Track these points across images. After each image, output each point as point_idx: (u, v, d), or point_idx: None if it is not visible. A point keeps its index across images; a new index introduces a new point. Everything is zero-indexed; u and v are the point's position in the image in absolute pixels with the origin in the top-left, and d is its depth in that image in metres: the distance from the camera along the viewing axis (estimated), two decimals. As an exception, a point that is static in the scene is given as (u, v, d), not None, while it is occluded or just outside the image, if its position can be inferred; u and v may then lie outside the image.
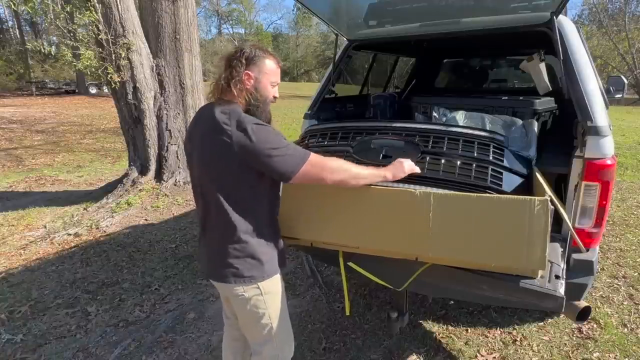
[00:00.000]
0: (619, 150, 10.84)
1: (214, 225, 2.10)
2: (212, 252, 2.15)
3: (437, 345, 3.45)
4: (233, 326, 2.54)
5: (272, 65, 2.12)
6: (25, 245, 5.57)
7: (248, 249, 2.06)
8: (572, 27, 3.20)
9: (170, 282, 4.54)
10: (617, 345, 3.39)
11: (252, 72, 2.04)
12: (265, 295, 2.14)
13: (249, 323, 2.25)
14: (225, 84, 2.03)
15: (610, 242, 5.40)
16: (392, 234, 2.26)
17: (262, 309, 2.17)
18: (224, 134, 1.89)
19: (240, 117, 1.93)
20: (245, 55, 2.03)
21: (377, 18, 3.98)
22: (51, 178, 9.45)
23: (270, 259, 2.15)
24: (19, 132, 15.76)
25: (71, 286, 4.47)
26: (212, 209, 2.07)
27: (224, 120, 1.92)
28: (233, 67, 2.02)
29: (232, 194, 2.01)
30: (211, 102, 2.09)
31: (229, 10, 79.91)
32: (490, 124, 3.48)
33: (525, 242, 1.98)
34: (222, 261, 2.07)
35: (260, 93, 2.08)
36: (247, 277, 2.07)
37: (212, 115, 1.96)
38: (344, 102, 4.87)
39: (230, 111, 1.96)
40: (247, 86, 2.04)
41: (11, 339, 3.61)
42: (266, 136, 1.91)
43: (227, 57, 2.09)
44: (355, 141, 3.03)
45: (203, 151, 2.03)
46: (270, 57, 2.12)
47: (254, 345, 2.34)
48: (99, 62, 6.83)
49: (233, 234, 2.03)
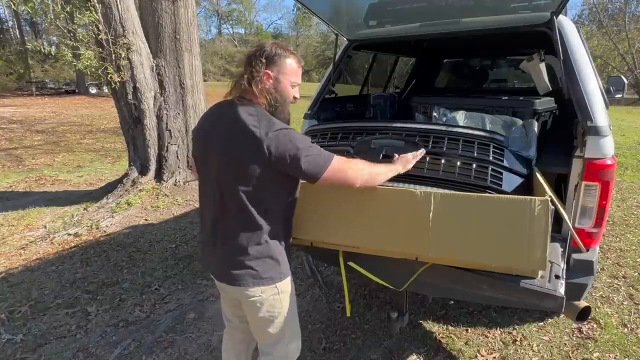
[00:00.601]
0: (619, 150, 10.84)
1: (232, 226, 2.04)
2: (227, 255, 2.09)
3: (437, 345, 3.45)
4: (237, 328, 2.51)
5: (293, 64, 2.08)
6: (25, 245, 5.57)
7: (268, 250, 2.05)
8: (572, 27, 3.20)
9: (170, 282, 4.54)
10: (617, 345, 3.39)
11: (272, 71, 2.01)
12: (281, 295, 2.13)
13: (262, 325, 2.21)
14: (246, 84, 1.99)
15: (610, 242, 5.40)
16: (393, 234, 2.26)
17: (278, 309, 2.16)
18: (253, 137, 1.87)
19: (270, 120, 1.92)
20: (265, 54, 2.00)
21: (377, 18, 3.98)
22: (51, 178, 9.45)
23: (285, 260, 2.16)
24: (19, 132, 15.77)
25: (71, 286, 4.46)
26: (232, 210, 2.02)
27: (252, 123, 1.90)
28: (253, 66, 1.98)
29: (256, 195, 1.97)
30: (230, 101, 2.05)
31: (229, 10, 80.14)
32: (490, 124, 3.49)
33: (526, 242, 1.98)
34: (240, 263, 2.04)
35: (280, 93, 2.06)
36: (266, 279, 2.06)
37: (238, 116, 1.94)
38: (344, 102, 4.87)
39: (258, 113, 1.95)
40: (267, 86, 2.01)
41: (11, 339, 3.60)
42: (294, 139, 1.90)
43: (247, 56, 2.06)
44: (355, 141, 3.04)
45: (227, 152, 1.98)
46: (291, 56, 2.08)
47: (264, 347, 2.32)
48: (99, 62, 6.83)
49: (255, 235, 2.01)
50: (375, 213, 2.32)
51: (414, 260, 2.28)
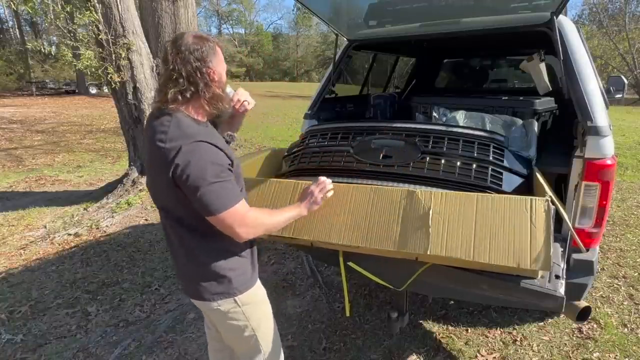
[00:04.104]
0: (619, 150, 10.84)
1: (177, 247, 1.96)
2: (183, 270, 2.01)
3: (437, 345, 3.46)
4: (214, 337, 2.44)
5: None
6: (26, 245, 5.58)
7: (213, 270, 1.91)
8: (572, 27, 3.20)
9: (170, 282, 4.55)
10: (617, 345, 3.39)
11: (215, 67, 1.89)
12: (243, 307, 2.01)
13: (231, 337, 2.15)
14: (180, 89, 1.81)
15: (610, 242, 5.40)
16: (393, 234, 2.25)
17: (243, 321, 2.04)
18: (160, 151, 1.77)
19: (184, 130, 1.80)
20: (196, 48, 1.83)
21: (377, 18, 3.99)
22: (51, 178, 9.46)
23: (241, 274, 2.01)
24: (19, 132, 15.76)
25: (71, 286, 4.47)
26: (170, 232, 1.96)
27: (160, 137, 1.78)
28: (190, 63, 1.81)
29: (182, 217, 1.87)
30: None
31: (229, 10, 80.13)
32: (490, 124, 3.49)
33: (528, 242, 1.98)
34: (191, 279, 1.97)
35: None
36: (219, 294, 1.94)
37: (153, 129, 1.82)
38: (344, 102, 4.87)
39: (172, 122, 1.81)
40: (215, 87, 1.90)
41: (11, 339, 3.61)
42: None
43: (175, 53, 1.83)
44: (355, 141, 3.04)
45: (149, 170, 1.98)
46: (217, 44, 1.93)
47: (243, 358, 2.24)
48: (99, 62, 6.83)
49: (197, 255, 1.91)
50: (376, 213, 2.32)
51: (414, 261, 2.27)
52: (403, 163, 2.76)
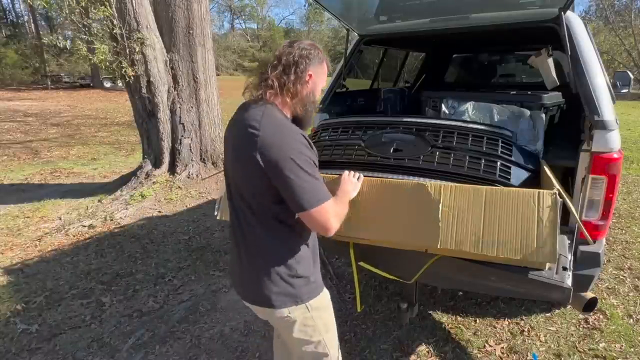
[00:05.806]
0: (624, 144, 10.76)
1: (251, 245, 1.90)
2: (249, 275, 1.92)
3: (446, 335, 3.51)
4: (278, 335, 2.39)
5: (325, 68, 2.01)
6: (41, 237, 5.66)
7: (293, 269, 1.87)
8: (579, 23, 3.21)
9: (184, 273, 4.62)
10: (622, 336, 3.43)
11: (313, 73, 1.93)
12: (313, 312, 1.96)
13: (298, 343, 2.03)
14: (280, 85, 1.86)
15: (616, 234, 5.44)
16: (403, 226, 2.29)
17: (311, 326, 1.98)
18: (251, 140, 1.76)
19: (279, 122, 1.83)
20: (307, 54, 1.90)
21: (388, 13, 4.03)
22: (66, 170, 9.57)
23: (315, 275, 2.01)
24: (34, 125, 15.93)
25: (86, 277, 4.55)
26: (249, 227, 1.88)
27: (252, 124, 1.78)
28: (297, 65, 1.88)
29: (267, 209, 1.83)
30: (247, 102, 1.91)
31: (242, 5, 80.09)
32: (498, 114, 3.51)
33: (535, 234, 2.02)
34: (263, 284, 1.86)
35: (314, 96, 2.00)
36: (292, 299, 1.88)
37: (243, 117, 1.83)
38: (355, 96, 4.91)
39: (264, 113, 1.81)
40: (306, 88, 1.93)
41: (26, 329, 3.68)
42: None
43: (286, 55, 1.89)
44: (366, 135, 3.08)
45: (235, 160, 1.87)
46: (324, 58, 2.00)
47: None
48: (114, 56, 6.90)
49: (276, 254, 1.87)
50: (386, 205, 2.36)
51: (424, 253, 2.31)
52: (413, 156, 2.78)
